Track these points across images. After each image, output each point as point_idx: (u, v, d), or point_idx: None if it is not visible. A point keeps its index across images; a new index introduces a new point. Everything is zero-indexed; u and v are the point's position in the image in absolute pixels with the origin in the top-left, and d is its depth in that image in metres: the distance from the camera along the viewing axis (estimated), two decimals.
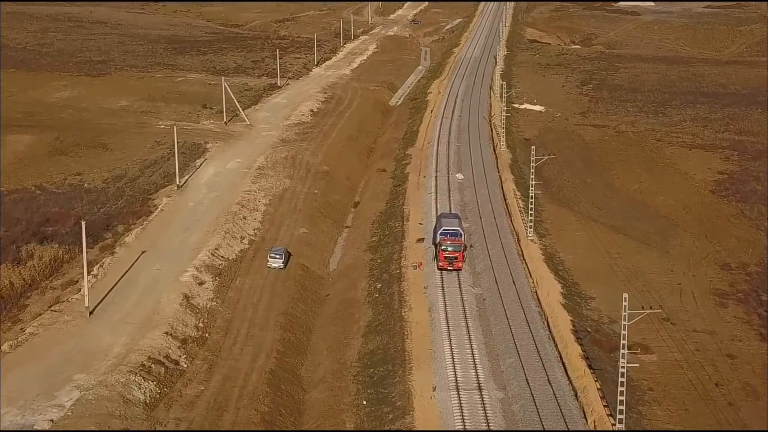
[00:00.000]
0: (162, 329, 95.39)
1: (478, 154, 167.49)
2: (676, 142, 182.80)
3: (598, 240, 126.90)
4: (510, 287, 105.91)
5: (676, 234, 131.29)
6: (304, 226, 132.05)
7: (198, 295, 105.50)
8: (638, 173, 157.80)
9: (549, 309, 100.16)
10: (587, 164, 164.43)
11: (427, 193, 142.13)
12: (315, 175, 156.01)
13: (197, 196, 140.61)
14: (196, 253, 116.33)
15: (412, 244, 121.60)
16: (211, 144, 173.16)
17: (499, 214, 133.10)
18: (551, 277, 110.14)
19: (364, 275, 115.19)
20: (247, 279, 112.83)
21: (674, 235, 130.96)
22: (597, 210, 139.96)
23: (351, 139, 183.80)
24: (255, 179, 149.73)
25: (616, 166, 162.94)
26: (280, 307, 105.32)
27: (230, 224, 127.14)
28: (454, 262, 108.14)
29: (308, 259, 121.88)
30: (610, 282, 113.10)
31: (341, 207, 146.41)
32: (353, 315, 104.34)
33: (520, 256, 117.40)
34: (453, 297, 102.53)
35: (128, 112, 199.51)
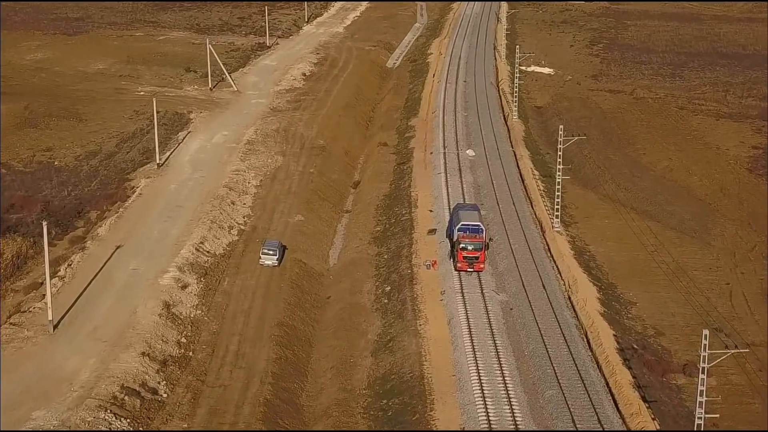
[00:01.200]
0: (138, 348, 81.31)
1: (489, 125, 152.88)
2: (700, 110, 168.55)
3: (630, 229, 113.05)
4: (539, 293, 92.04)
5: (716, 221, 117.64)
6: (300, 212, 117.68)
7: (180, 301, 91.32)
8: (665, 148, 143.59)
9: (588, 321, 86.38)
10: (608, 137, 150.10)
11: (435, 174, 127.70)
12: (310, 150, 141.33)
13: (180, 177, 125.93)
14: (179, 248, 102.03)
15: (423, 236, 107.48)
16: (195, 114, 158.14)
17: (519, 199, 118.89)
18: (585, 278, 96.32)
19: (370, 274, 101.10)
20: (237, 279, 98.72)
21: (714, 222, 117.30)
22: (624, 192, 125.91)
23: (348, 107, 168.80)
24: (244, 156, 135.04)
25: (641, 139, 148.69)
26: (275, 316, 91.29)
27: (217, 211, 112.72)
28: (474, 263, 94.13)
29: (305, 252, 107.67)
30: (650, 281, 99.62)
31: (340, 188, 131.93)
32: (359, 325, 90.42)
33: (546, 251, 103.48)
34: (475, 306, 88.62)
35: (105, 77, 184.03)
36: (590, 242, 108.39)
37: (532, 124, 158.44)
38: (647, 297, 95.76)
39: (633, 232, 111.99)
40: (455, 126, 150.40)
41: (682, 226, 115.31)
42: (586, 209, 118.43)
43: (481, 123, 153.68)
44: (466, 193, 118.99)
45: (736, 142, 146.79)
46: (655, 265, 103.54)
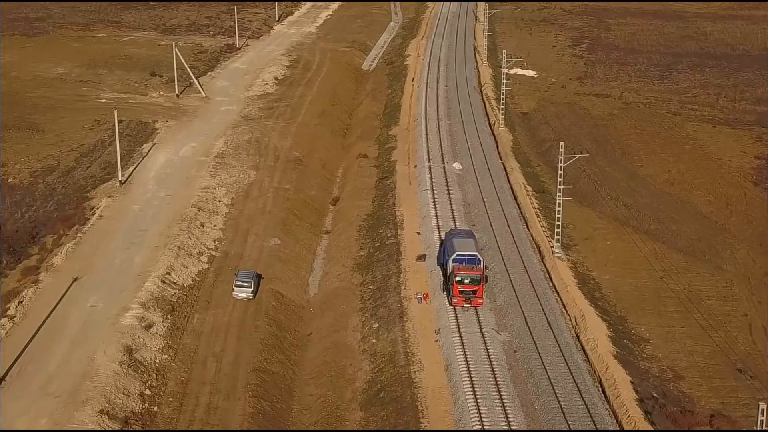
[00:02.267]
0: (96, 404, 71.61)
1: (474, 134, 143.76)
2: (694, 116, 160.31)
3: (635, 252, 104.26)
4: (545, 331, 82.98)
5: (725, 241, 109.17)
6: (276, 235, 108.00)
7: (144, 345, 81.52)
8: (664, 159, 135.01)
9: (601, 366, 77.34)
10: (602, 147, 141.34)
11: (421, 190, 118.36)
12: (285, 163, 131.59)
13: (144, 196, 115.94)
14: (143, 279, 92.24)
15: (412, 263, 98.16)
16: (160, 123, 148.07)
17: (513, 219, 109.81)
18: (592, 312, 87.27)
19: (355, 307, 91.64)
20: (208, 316, 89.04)
21: (723, 242, 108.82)
22: (624, 209, 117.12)
23: (324, 114, 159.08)
24: (214, 171, 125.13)
25: (636, 149, 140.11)
26: (251, 360, 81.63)
27: (185, 235, 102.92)
28: (472, 299, 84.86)
29: (283, 282, 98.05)
30: (662, 313, 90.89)
31: (318, 205, 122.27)
32: (345, 370, 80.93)
33: (548, 280, 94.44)
34: (475, 348, 79.38)
35: (65, 82, 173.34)
36: (593, 268, 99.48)
37: (519, 132, 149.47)
38: (661, 332, 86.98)
39: (638, 255, 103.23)
40: (439, 136, 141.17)
41: (689, 247, 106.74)
42: (584, 229, 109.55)
43: (466, 132, 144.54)
44: (455, 213, 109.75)
45: (736, 152, 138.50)
46: (665, 293, 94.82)
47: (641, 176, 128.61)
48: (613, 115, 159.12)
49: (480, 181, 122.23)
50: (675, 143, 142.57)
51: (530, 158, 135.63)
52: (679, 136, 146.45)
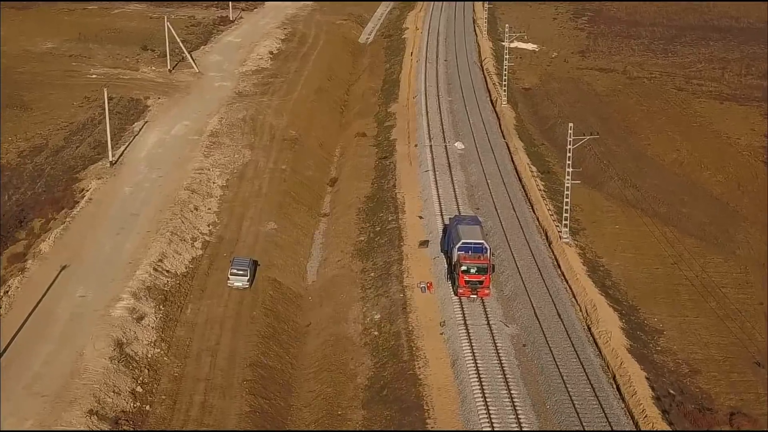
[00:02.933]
0: (85, 404, 67.87)
1: (476, 112, 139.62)
2: (701, 91, 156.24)
3: (645, 236, 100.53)
4: (555, 323, 79.28)
5: (738, 225, 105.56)
6: (272, 219, 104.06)
7: (135, 338, 77.72)
8: (671, 137, 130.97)
9: (615, 361, 73.71)
10: (607, 125, 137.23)
11: (422, 171, 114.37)
12: (281, 143, 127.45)
13: (135, 177, 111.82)
14: (134, 267, 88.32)
15: (414, 250, 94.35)
16: (152, 100, 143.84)
17: (518, 202, 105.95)
18: (603, 301, 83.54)
19: (355, 297, 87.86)
20: (202, 306, 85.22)
21: (735, 226, 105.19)
22: (632, 191, 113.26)
23: (320, 91, 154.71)
24: (207, 151, 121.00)
25: (643, 127, 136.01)
26: (247, 354, 77.88)
27: (178, 220, 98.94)
28: (478, 289, 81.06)
29: (280, 269, 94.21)
30: (675, 302, 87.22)
31: (315, 187, 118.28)
32: (346, 365, 77.21)
33: (556, 267, 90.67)
34: (482, 342, 75.69)
35: (54, 57, 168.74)
36: (602, 254, 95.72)
37: (521, 109, 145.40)
38: (674, 323, 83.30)
39: (648, 240, 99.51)
40: (440, 113, 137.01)
41: (701, 232, 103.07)
42: (592, 212, 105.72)
43: (467, 109, 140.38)
44: (458, 196, 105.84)
45: (746, 130, 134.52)
46: (677, 281, 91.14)
47: (649, 156, 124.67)
48: (618, 91, 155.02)
49: (483, 162, 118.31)
50: (682, 121, 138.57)
51: (534, 137, 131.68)
52: (686, 114, 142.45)
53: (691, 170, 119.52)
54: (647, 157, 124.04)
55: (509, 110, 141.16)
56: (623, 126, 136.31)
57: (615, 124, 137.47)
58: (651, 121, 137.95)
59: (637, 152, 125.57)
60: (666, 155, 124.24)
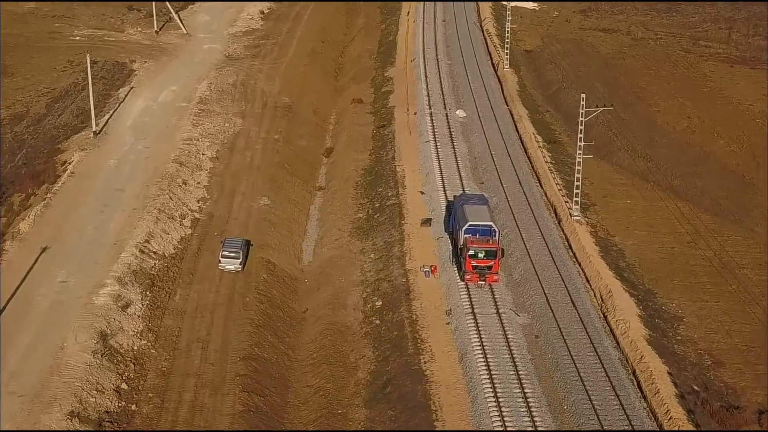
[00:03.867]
0: (65, 406, 62.80)
1: (477, 76, 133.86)
2: (708, 54, 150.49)
3: (658, 212, 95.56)
4: (569, 312, 74.28)
5: (754, 199, 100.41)
6: (265, 193, 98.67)
7: (120, 328, 72.54)
8: (681, 104, 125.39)
9: (634, 354, 68.80)
10: (613, 89, 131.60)
11: (423, 142, 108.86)
12: (273, 110, 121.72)
13: (120, 149, 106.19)
14: (118, 249, 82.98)
15: (416, 228, 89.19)
16: (138, 63, 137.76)
17: (525, 175, 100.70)
18: (618, 286, 78.52)
19: (354, 281, 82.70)
20: (191, 292, 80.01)
21: (752, 200, 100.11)
22: (643, 162, 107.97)
23: (314, 54, 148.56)
24: (196, 119, 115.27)
25: (651, 92, 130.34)
26: (240, 346, 72.80)
27: (166, 196, 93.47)
28: (487, 275, 75.91)
29: (274, 249, 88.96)
30: (693, 285, 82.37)
31: (310, 158, 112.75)
32: (346, 357, 72.24)
33: (567, 248, 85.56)
34: (492, 334, 70.71)
35: (37, 18, 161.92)
36: (614, 231, 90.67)
37: (524, 73, 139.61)
38: (694, 308, 78.42)
39: (662, 216, 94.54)
40: (439, 78, 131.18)
41: (717, 206, 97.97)
42: (602, 185, 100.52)
43: (468, 74, 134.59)
44: (461, 169, 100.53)
45: (758, 96, 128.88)
46: (694, 261, 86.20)
47: (659, 124, 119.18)
48: (624, 54, 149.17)
49: (486, 131, 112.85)
50: (691, 86, 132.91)
51: (538, 103, 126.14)
52: (695, 78, 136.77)
53: (704, 139, 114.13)
54: (657, 126, 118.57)
55: (511, 74, 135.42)
56: (631, 91, 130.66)
57: (622, 89, 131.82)
58: (659, 86, 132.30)
59: (646, 120, 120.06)
60: (677, 123, 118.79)
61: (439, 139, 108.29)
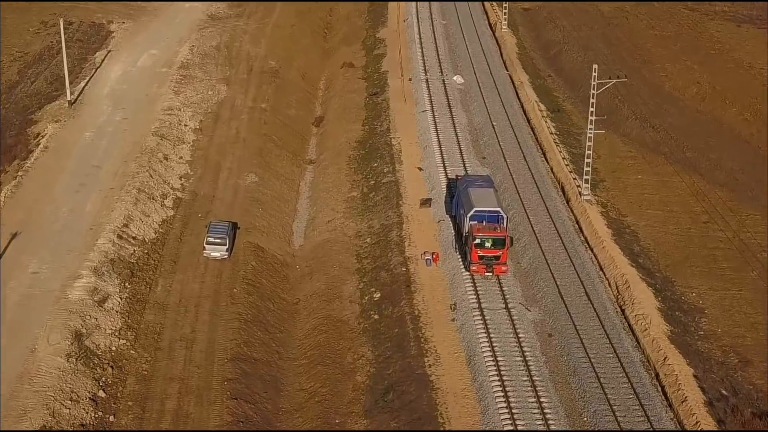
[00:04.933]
0: (36, 419, 57.20)
1: (474, 38, 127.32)
2: (713, 12, 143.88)
3: (671, 188, 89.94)
4: (583, 306, 68.70)
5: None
6: (253, 169, 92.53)
7: (97, 327, 66.68)
8: (689, 68, 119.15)
9: (656, 355, 63.37)
10: (617, 51, 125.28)
11: (420, 112, 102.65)
12: (260, 75, 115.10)
13: (97, 120, 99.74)
14: (95, 235, 76.92)
15: (415, 210, 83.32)
16: (116, 24, 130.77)
17: (529, 149, 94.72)
18: (635, 274, 72.97)
19: (350, 268, 76.85)
20: (174, 282, 74.09)
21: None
22: (652, 132, 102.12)
23: (301, 12, 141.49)
24: (178, 86, 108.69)
25: (657, 55, 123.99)
26: (228, 344, 67.06)
27: (146, 174, 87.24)
28: (494, 265, 70.11)
29: (263, 232, 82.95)
30: (713, 271, 77.03)
31: (299, 128, 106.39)
32: (343, 357, 66.58)
33: (578, 232, 79.80)
34: (501, 332, 65.15)
35: None
36: (627, 211, 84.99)
37: (523, 34, 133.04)
38: (715, 298, 73.01)
39: (676, 193, 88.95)
40: (435, 40, 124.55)
41: (732, 181, 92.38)
42: (610, 159, 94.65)
43: (465, 35, 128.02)
44: (461, 142, 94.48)
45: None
46: (712, 244, 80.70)
47: (666, 90, 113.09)
48: (626, 12, 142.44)
49: (486, 99, 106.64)
50: (699, 48, 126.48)
51: (539, 67, 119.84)
52: (702, 39, 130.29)
53: (714, 107, 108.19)
54: (665, 92, 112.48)
55: (510, 36, 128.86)
56: (635, 54, 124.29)
57: (626, 51, 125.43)
58: (665, 48, 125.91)
59: (653, 86, 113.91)
60: (685, 89, 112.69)
61: (437, 109, 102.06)
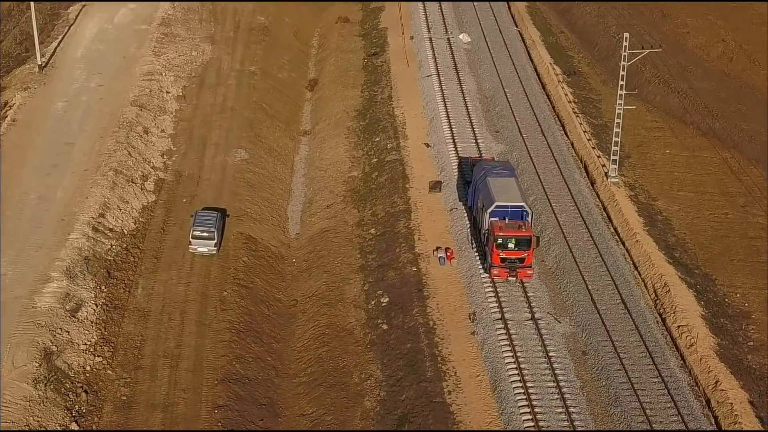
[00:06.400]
0: None
1: None
2: None
3: (703, 165, 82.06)
4: (620, 317, 60.85)
5: None
6: (242, 145, 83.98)
7: (69, 342, 58.73)
8: (713, 23, 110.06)
9: (706, 378, 55.74)
10: (634, 5, 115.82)
11: (424, 76, 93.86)
12: (248, 33, 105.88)
13: (70, 87, 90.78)
14: (67, 228, 68.62)
15: (424, 195, 75.14)
16: None
17: (546, 120, 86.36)
18: (673, 274, 65.26)
19: (353, 265, 68.74)
20: (156, 283, 66.03)
21: None
22: (677, 98, 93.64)
23: None
24: (159, 47, 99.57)
25: (677, 8, 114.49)
26: (218, 361, 59.19)
27: (124, 152, 78.70)
28: (518, 269, 62.05)
29: (255, 220, 74.70)
30: (756, 266, 69.79)
31: (292, 93, 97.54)
32: (349, 376, 58.69)
33: (607, 222, 71.70)
34: (529, 349, 57.42)
35: None
36: (656, 193, 76.96)
37: None
38: (761, 298, 65.44)
39: (708, 170, 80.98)
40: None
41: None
42: (635, 131, 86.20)
43: None
44: (471, 113, 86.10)
45: None
46: (753, 233, 72.99)
47: (690, 48, 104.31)
48: None
49: (496, 61, 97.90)
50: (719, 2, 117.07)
51: (550, 22, 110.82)
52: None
53: (743, 68, 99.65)
54: (688, 51, 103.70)
55: None
56: (654, 8, 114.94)
57: (643, 4, 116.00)
58: (686, 1, 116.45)
59: (675, 44, 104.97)
60: (710, 48, 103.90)
61: (443, 73, 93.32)
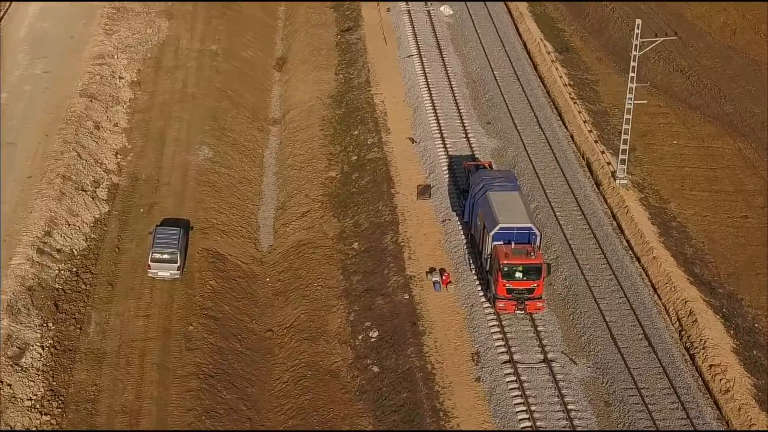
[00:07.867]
0: None
1: None
2: None
3: (714, 157, 74.72)
4: (644, 357, 53.34)
5: None
6: (206, 140, 75.31)
7: (12, 399, 50.63)
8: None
9: None
10: None
11: (404, 57, 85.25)
12: (208, 5, 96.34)
13: (11, 75, 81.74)
14: (9, 251, 60.18)
15: (412, 203, 67.02)
16: None
17: (541, 108, 78.35)
18: (697, 297, 58.05)
19: (336, 288, 60.69)
20: (111, 317, 57.74)
21: None
22: (680, 77, 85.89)
23: None
24: (110, 23, 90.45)
25: None
26: (185, 418, 51.18)
27: (73, 153, 70.11)
28: (527, 302, 54.29)
29: (222, 231, 66.31)
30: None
31: (258, 75, 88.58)
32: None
33: (619, 235, 64.05)
34: (544, 399, 49.99)
35: None
36: (668, 194, 69.49)
37: None
38: None
39: (721, 164, 73.55)
40: None
41: None
42: (638, 117, 77.47)
43: None
44: (459, 101, 77.78)
45: None
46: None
47: (689, 19, 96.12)
48: None
49: (482, 37, 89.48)
50: None
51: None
52: None
53: (749, 43, 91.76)
54: (687, 22, 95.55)
55: None
56: None
57: None
58: None
59: (674, 14, 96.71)
60: (712, 19, 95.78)
61: (425, 52, 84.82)
